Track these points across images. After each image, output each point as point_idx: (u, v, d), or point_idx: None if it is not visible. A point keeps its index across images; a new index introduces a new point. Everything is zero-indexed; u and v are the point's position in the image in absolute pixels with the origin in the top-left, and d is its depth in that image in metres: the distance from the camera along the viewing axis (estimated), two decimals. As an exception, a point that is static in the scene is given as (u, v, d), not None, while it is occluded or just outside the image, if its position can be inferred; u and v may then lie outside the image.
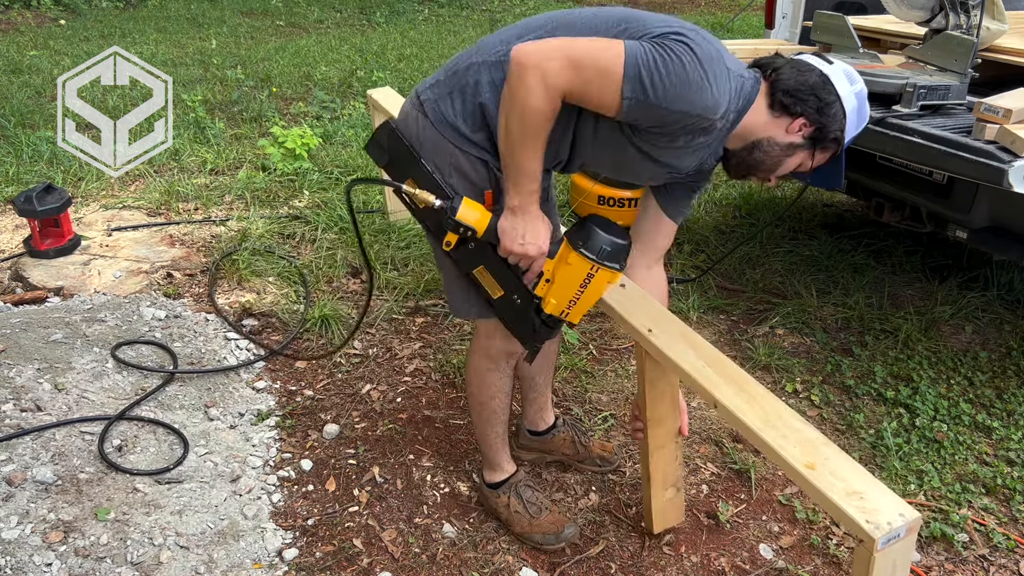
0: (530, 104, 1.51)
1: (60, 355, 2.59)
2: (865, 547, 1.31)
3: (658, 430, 1.93)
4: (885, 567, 1.33)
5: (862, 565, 1.33)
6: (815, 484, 1.38)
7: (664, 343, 1.74)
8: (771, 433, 1.49)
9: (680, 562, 2.07)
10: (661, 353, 1.73)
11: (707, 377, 1.63)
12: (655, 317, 1.83)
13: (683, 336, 1.76)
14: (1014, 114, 2.11)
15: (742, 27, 9.00)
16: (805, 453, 1.44)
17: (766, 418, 1.52)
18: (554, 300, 1.74)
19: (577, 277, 1.69)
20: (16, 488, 2.06)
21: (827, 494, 1.36)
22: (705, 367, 1.66)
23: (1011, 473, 2.39)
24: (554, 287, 1.73)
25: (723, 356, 1.70)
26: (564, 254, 1.70)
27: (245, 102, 5.78)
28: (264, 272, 3.32)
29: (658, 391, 1.87)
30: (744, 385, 1.61)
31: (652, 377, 1.85)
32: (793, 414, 1.54)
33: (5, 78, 6.16)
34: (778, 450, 1.45)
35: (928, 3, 2.66)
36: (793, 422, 1.52)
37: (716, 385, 1.61)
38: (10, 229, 3.61)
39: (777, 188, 4.51)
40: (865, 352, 2.95)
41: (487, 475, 2.20)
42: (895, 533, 1.29)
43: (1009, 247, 2.68)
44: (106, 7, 9.74)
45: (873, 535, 1.28)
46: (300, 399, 2.62)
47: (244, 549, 2.01)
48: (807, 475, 1.40)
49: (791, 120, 1.63)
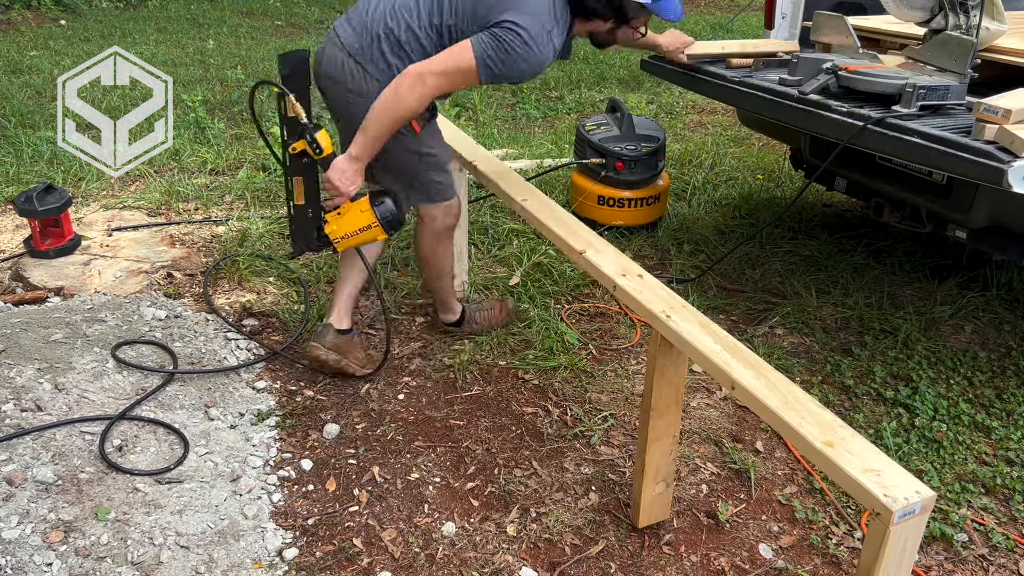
0: (409, 105, 2.18)
1: (60, 355, 2.59)
2: (881, 520, 1.34)
3: (659, 421, 1.96)
4: (897, 543, 1.35)
5: (876, 538, 1.36)
6: (834, 460, 1.42)
7: (682, 327, 1.79)
8: (790, 413, 1.53)
9: (680, 562, 2.07)
10: (679, 336, 1.78)
11: (725, 360, 1.68)
12: (673, 305, 1.89)
13: (701, 324, 1.82)
14: (1013, 114, 2.11)
15: (742, 27, 9.00)
16: (823, 432, 1.48)
17: (785, 400, 1.56)
18: (335, 227, 2.37)
19: (360, 223, 2.35)
20: (16, 488, 2.06)
21: (846, 469, 1.40)
22: (723, 351, 1.71)
23: (1010, 473, 2.39)
24: (341, 220, 2.36)
25: (739, 343, 1.75)
26: (362, 204, 2.34)
27: (245, 102, 5.78)
28: (264, 272, 3.32)
29: (666, 380, 1.91)
30: (761, 370, 1.66)
31: (662, 365, 1.89)
32: (809, 398, 1.58)
33: (5, 78, 6.16)
34: (797, 428, 1.49)
35: (927, 3, 2.66)
36: (810, 405, 1.56)
37: (734, 367, 1.65)
38: (10, 229, 3.61)
39: (776, 188, 4.51)
40: (865, 352, 2.95)
41: (445, 317, 2.93)
42: (911, 508, 1.32)
43: (1009, 247, 2.68)
44: (106, 7, 9.74)
45: (891, 507, 1.31)
46: (300, 399, 2.62)
47: (244, 549, 2.01)
48: (826, 452, 1.44)
49: (601, 21, 2.31)
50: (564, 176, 4.31)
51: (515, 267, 3.41)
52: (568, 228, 2.32)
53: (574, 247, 2.21)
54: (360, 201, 2.34)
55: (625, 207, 3.79)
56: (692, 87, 3.21)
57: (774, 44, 3.30)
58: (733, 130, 5.65)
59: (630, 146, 3.75)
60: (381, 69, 2.30)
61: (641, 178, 3.78)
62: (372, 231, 2.36)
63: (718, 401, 2.71)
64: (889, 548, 1.34)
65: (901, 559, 1.38)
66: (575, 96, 6.47)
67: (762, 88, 2.82)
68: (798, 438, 1.49)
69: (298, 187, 2.40)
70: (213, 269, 3.29)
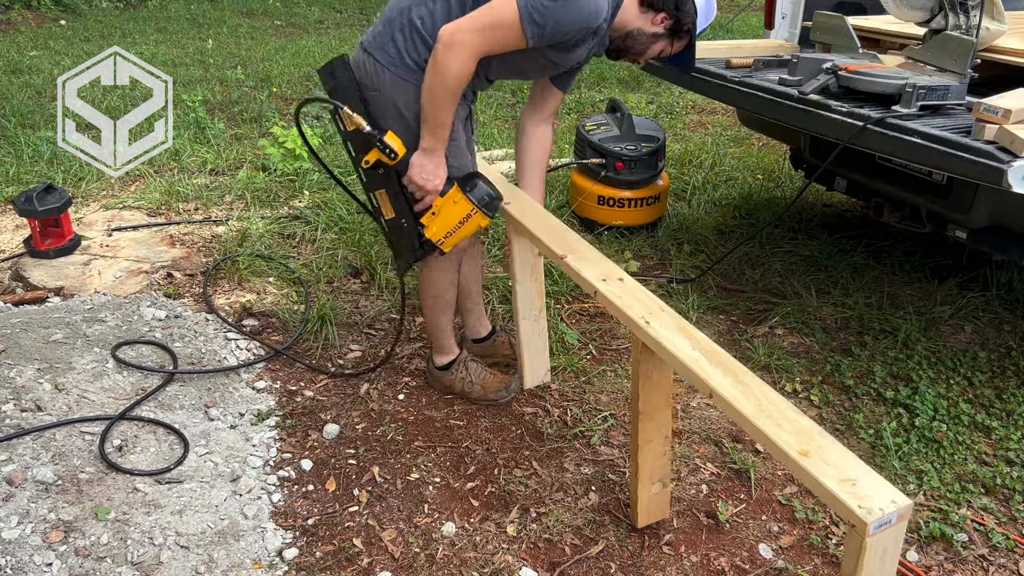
0: (453, 71, 1.95)
1: (60, 355, 2.59)
2: (857, 532, 1.32)
3: (648, 424, 1.95)
4: (875, 553, 1.34)
5: (853, 551, 1.34)
6: (808, 470, 1.40)
7: (661, 334, 1.77)
8: (766, 421, 1.51)
9: (680, 562, 2.07)
10: (657, 343, 1.76)
11: (703, 367, 1.66)
12: (653, 310, 1.87)
13: (680, 328, 1.80)
14: (1013, 114, 2.11)
15: (742, 27, 8.99)
16: (800, 441, 1.46)
17: (761, 407, 1.54)
18: (435, 228, 2.20)
19: (459, 215, 2.18)
20: (16, 488, 2.06)
21: (820, 479, 1.38)
22: (701, 358, 1.69)
23: (1010, 473, 2.39)
24: (438, 219, 2.19)
25: (719, 348, 1.73)
26: (453, 195, 2.17)
27: (245, 102, 5.78)
28: (264, 272, 3.32)
29: (652, 383, 1.89)
30: (740, 376, 1.63)
31: (647, 369, 1.87)
32: (788, 404, 1.56)
33: (5, 78, 6.16)
34: (772, 437, 1.47)
35: (927, 3, 2.66)
36: (788, 412, 1.54)
37: (712, 375, 1.63)
38: (10, 229, 3.61)
39: (776, 188, 4.51)
40: (865, 352, 2.95)
41: (437, 359, 2.64)
42: (887, 519, 1.31)
43: (1009, 247, 2.68)
44: (106, 7, 9.74)
45: (865, 519, 1.30)
46: (300, 399, 2.62)
47: (244, 549, 2.01)
48: (801, 461, 1.42)
49: (655, 14, 2.10)
50: (564, 176, 4.31)
51: (515, 267, 3.40)
52: (551, 232, 2.25)
53: (556, 252, 2.16)
54: (451, 193, 2.16)
55: (625, 207, 3.79)
56: (692, 87, 3.21)
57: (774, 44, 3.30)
58: (733, 130, 5.65)
59: (630, 146, 3.76)
60: (391, 55, 2.10)
61: (641, 178, 3.78)
62: (474, 219, 2.19)
63: (718, 401, 2.71)
64: (867, 559, 1.33)
65: (881, 568, 1.37)
66: (575, 96, 6.47)
67: (762, 88, 2.83)
68: (774, 447, 1.47)
69: (384, 201, 2.24)
70: (213, 269, 3.29)
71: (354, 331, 3.00)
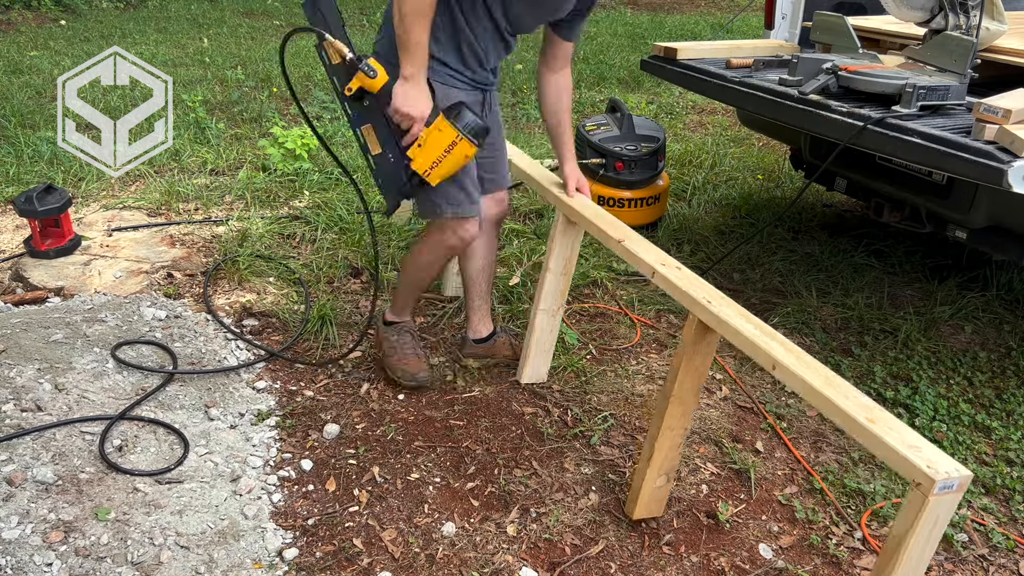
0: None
1: (60, 355, 2.59)
2: (921, 491, 1.38)
3: (676, 409, 2.00)
4: (932, 516, 1.39)
5: (912, 510, 1.40)
6: (877, 434, 1.47)
7: (725, 311, 1.87)
8: (833, 392, 1.58)
9: (680, 562, 2.07)
10: (720, 321, 1.84)
11: (766, 342, 1.75)
12: (712, 294, 1.96)
13: (740, 313, 1.89)
14: (1013, 114, 2.11)
15: (742, 27, 9.00)
16: (865, 411, 1.54)
17: (827, 379, 1.63)
18: (421, 159, 2.18)
19: (444, 143, 2.15)
20: (16, 488, 2.06)
21: (889, 442, 1.45)
22: (763, 335, 1.79)
23: (1011, 473, 2.39)
24: (423, 150, 2.17)
25: (776, 332, 1.81)
26: (438, 123, 2.15)
27: (245, 102, 5.78)
28: (264, 272, 3.32)
29: (692, 367, 1.95)
30: (800, 355, 1.72)
31: (692, 352, 1.93)
32: (848, 384, 1.64)
33: (5, 78, 6.16)
34: (841, 405, 1.54)
35: (927, 3, 2.66)
36: (851, 389, 1.62)
37: (775, 349, 1.73)
38: (10, 229, 3.61)
39: (776, 188, 4.51)
40: (865, 352, 2.95)
41: (388, 315, 2.68)
42: (951, 483, 1.37)
43: (1009, 247, 2.69)
44: (106, 7, 9.74)
45: (934, 477, 1.36)
46: (300, 399, 2.62)
47: (244, 549, 2.01)
48: (869, 427, 1.49)
49: None
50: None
51: (515, 267, 3.41)
52: (607, 220, 2.40)
53: (612, 236, 2.29)
54: (436, 122, 2.16)
55: (625, 207, 3.79)
56: (692, 87, 3.21)
57: (774, 44, 3.30)
58: (733, 130, 5.65)
59: (630, 146, 3.76)
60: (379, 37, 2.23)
61: (641, 178, 3.78)
62: (459, 147, 2.16)
63: (718, 401, 2.71)
64: (924, 518, 1.38)
65: (931, 534, 1.42)
66: (575, 96, 6.47)
67: (762, 88, 2.83)
68: (842, 414, 1.54)
69: (369, 135, 2.24)
70: (213, 269, 3.29)
71: (354, 331, 3.00)
